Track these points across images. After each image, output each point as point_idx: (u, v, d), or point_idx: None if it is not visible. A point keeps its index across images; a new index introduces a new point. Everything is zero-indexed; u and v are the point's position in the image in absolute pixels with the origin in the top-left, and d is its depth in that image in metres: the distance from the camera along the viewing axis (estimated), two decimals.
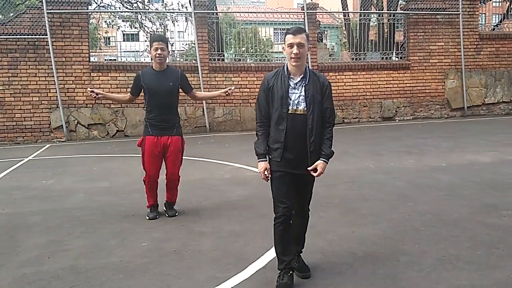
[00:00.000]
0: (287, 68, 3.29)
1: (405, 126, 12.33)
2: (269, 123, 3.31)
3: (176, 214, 5.12)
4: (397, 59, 14.05)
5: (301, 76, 3.27)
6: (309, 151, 3.24)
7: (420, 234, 4.31)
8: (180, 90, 5.08)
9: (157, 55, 4.83)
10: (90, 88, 4.98)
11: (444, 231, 4.35)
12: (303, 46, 3.20)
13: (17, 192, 6.47)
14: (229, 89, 5.13)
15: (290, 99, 3.24)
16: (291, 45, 3.21)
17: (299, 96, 3.24)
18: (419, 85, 13.51)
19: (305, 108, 3.22)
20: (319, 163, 3.25)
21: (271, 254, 3.88)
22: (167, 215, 5.12)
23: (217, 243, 4.28)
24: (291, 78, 3.28)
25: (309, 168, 3.25)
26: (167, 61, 5.05)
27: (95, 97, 5.03)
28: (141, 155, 5.03)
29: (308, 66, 3.36)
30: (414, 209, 5.05)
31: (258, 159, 3.32)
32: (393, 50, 14.18)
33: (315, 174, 3.26)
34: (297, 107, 3.23)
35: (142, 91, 4.99)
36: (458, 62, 13.59)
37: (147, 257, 3.98)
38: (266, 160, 3.31)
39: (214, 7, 13.53)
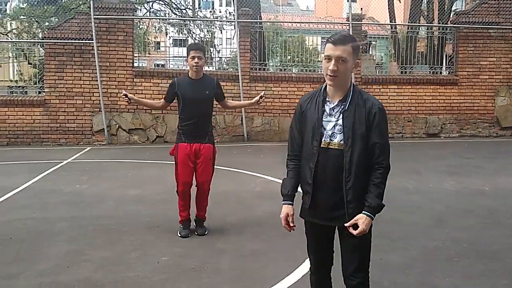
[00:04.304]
0: (325, 87, 2.57)
1: (450, 143, 11.84)
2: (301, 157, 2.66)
3: (206, 232, 4.91)
4: (447, 73, 13.54)
5: (339, 99, 2.53)
6: (346, 200, 2.50)
7: (453, 265, 4.04)
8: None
9: (194, 64, 4.73)
10: (124, 92, 4.82)
11: (480, 264, 4.05)
12: (345, 61, 2.44)
13: (49, 195, 6.55)
14: (260, 96, 4.97)
15: (324, 129, 2.52)
16: (328, 58, 2.46)
17: (334, 126, 2.51)
18: (467, 101, 12.94)
19: (342, 142, 2.50)
20: (360, 218, 2.48)
21: (292, 278, 3.73)
22: (196, 233, 4.90)
23: (237, 262, 4.16)
24: (328, 101, 2.55)
25: (346, 224, 2.50)
26: (203, 69, 4.96)
27: (127, 101, 4.85)
28: (174, 165, 4.89)
29: (354, 85, 2.58)
30: (449, 236, 4.76)
31: (282, 200, 2.66)
32: (442, 64, 13.65)
33: (355, 232, 2.48)
34: (331, 140, 2.51)
35: (176, 98, 4.89)
36: (511, 79, 12.95)
37: (165, 273, 3.91)
38: (291, 204, 2.63)
39: (259, 16, 13.47)
